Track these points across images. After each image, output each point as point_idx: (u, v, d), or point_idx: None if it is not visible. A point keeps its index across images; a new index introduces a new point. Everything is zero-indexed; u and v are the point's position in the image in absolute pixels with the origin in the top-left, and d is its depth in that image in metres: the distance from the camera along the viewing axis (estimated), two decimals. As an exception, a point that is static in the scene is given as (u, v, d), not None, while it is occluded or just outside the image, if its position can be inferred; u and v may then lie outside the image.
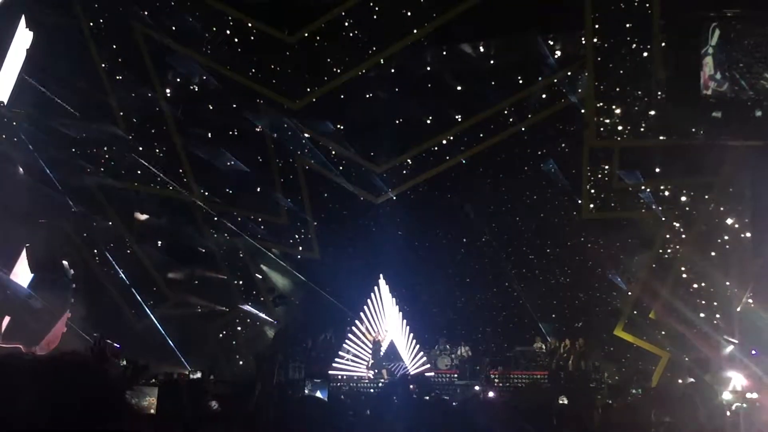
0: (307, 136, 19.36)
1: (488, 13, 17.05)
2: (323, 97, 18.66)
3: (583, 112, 18.03)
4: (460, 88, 18.95)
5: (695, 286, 17.45)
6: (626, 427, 6.25)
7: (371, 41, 18.46)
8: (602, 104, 17.74)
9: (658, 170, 17.69)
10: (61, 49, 17.50)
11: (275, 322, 19.43)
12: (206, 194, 19.26)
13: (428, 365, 19.36)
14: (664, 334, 17.58)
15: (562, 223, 19.50)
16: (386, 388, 10.97)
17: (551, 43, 18.19)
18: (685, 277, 17.64)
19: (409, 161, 19.64)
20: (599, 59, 17.57)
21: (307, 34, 18.43)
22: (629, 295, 18.35)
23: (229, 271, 19.68)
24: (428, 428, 4.25)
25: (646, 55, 17.16)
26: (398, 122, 19.32)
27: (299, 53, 18.59)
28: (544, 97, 18.69)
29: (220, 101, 19.02)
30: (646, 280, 17.84)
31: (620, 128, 17.66)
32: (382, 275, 19.69)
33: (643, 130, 17.45)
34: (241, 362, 19.68)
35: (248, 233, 19.49)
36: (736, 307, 16.45)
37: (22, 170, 17.43)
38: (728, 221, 17.23)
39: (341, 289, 19.48)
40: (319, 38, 18.57)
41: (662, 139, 17.20)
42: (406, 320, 19.72)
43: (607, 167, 18.01)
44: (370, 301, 19.68)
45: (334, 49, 18.60)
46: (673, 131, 16.79)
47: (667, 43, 16.78)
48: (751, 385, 14.60)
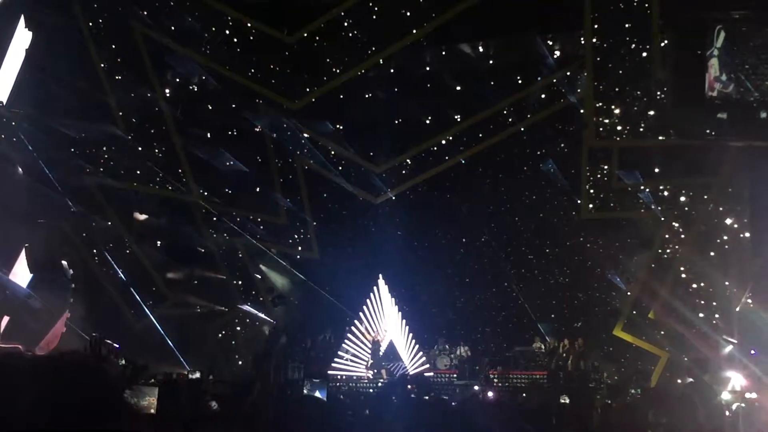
0: (306, 136, 19.34)
1: (487, 13, 17.02)
2: (322, 97, 18.62)
3: (582, 112, 18.00)
4: (459, 88, 18.92)
5: (694, 286, 17.43)
6: (625, 427, 6.26)
7: (370, 41, 18.43)
8: (601, 104, 17.71)
9: (657, 170, 17.67)
10: (60, 49, 17.47)
11: (274, 322, 19.42)
12: (205, 194, 19.26)
13: (427, 365, 19.35)
14: (663, 334, 17.56)
15: (561, 223, 19.49)
16: (385, 388, 10.98)
17: (550, 43, 18.16)
18: (684, 277, 17.63)
19: (408, 161, 19.61)
20: (598, 59, 17.53)
21: (306, 34, 18.39)
22: (628, 295, 18.32)
23: (228, 271, 19.67)
24: (427, 428, 4.24)
25: (645, 55, 17.12)
26: (397, 122, 19.30)
27: (298, 53, 18.54)
28: (543, 97, 18.65)
29: (219, 101, 18.99)
30: (645, 280, 17.81)
31: (619, 128, 17.63)
32: (381, 275, 19.69)
33: (642, 130, 17.45)
34: (240, 362, 19.69)
35: (247, 233, 19.49)
36: (735, 307, 16.43)
37: (21, 170, 17.42)
38: (727, 221, 17.22)
39: (340, 289, 19.47)
40: (318, 38, 18.53)
41: (661, 139, 17.20)
42: (405, 320, 19.72)
43: (606, 167, 17.98)
44: (369, 301, 19.67)
45: (333, 49, 18.57)
46: (675, 132, 16.77)
47: (666, 43, 16.79)
48: (750, 385, 14.58)
